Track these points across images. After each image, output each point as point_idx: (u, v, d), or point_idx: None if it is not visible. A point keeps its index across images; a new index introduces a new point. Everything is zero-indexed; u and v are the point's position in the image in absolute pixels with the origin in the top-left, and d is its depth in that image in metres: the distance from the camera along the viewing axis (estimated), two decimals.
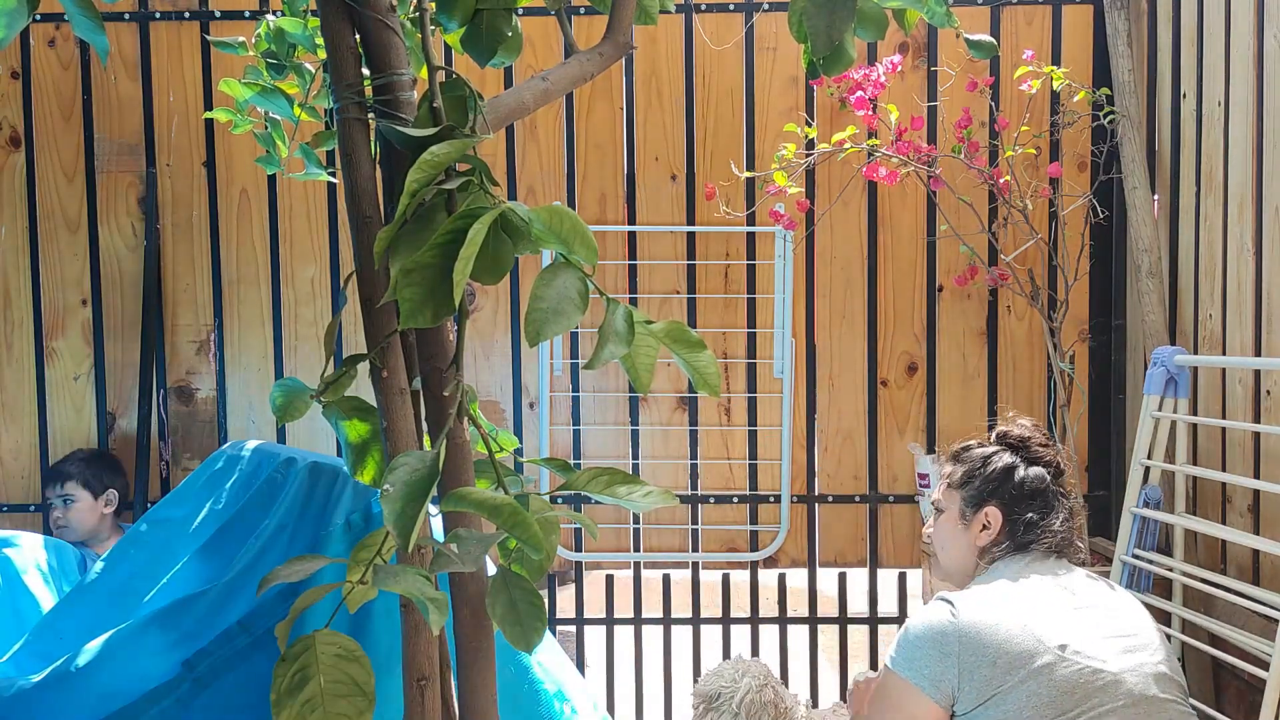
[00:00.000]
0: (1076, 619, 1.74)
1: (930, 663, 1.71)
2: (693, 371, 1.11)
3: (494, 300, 3.18)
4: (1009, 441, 1.96)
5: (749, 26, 3.11)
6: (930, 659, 1.71)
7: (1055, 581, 1.81)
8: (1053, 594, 1.78)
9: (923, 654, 1.72)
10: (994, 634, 1.69)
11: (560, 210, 1.02)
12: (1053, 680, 1.65)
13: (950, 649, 1.70)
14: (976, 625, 1.70)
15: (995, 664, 1.67)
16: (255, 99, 1.62)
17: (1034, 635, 1.68)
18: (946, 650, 1.70)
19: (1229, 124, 2.57)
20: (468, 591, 1.11)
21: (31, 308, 3.14)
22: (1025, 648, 1.67)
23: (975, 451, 1.96)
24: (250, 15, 3.12)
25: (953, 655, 1.69)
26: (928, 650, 1.72)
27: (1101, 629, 1.73)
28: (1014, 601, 1.75)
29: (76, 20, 1.04)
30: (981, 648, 1.68)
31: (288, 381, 1.16)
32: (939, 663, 1.70)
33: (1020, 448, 1.94)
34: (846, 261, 3.15)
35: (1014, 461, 1.91)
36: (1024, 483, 1.89)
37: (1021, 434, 1.96)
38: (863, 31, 1.33)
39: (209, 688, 1.60)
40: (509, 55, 1.30)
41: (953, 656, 1.69)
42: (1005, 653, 1.67)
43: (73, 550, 2.27)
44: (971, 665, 1.68)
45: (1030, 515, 1.86)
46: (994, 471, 1.91)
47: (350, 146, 1.13)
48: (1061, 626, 1.71)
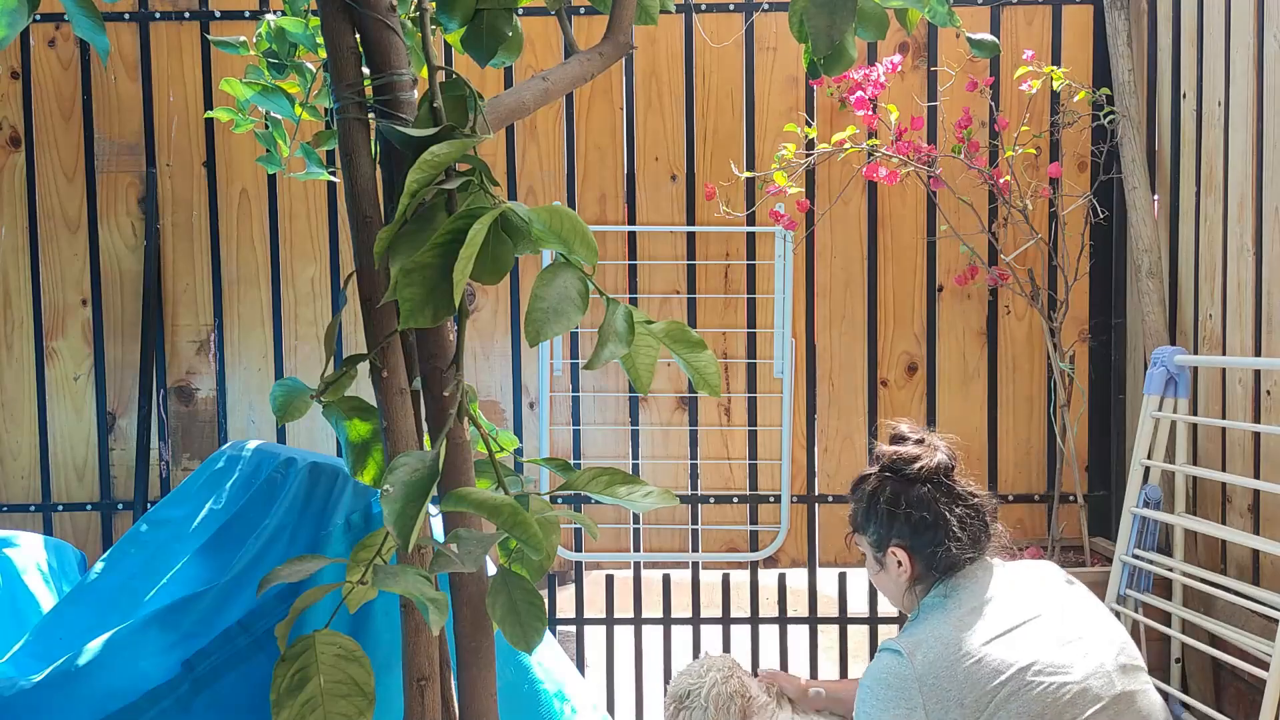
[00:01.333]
0: (1030, 634, 1.68)
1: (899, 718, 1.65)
2: (693, 371, 1.11)
3: (494, 300, 3.18)
4: (885, 464, 1.84)
5: (749, 26, 3.11)
6: (898, 714, 1.65)
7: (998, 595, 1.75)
8: (999, 612, 1.72)
9: (889, 711, 1.66)
10: (953, 674, 1.63)
11: (560, 210, 1.02)
12: (1023, 705, 1.61)
13: (914, 701, 1.64)
14: (934, 668, 1.64)
15: (963, 704, 1.62)
16: (256, 98, 1.62)
17: (992, 666, 1.63)
18: (911, 703, 1.64)
19: (1229, 124, 2.57)
20: (468, 591, 1.11)
21: (31, 308, 3.14)
22: (988, 680, 1.62)
23: (863, 487, 1.85)
24: (250, 15, 3.12)
25: (918, 707, 1.63)
26: (893, 707, 1.65)
27: (1055, 635, 1.69)
28: (963, 632, 1.68)
29: (77, 20, 1.04)
30: (944, 691, 1.63)
31: (288, 381, 1.16)
32: (907, 715, 1.64)
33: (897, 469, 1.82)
34: (846, 261, 3.15)
35: (896, 491, 1.80)
36: (910, 516, 1.78)
37: (894, 452, 1.84)
38: (863, 31, 1.33)
39: (209, 688, 1.60)
40: (509, 55, 1.30)
41: (919, 708, 1.63)
42: (970, 690, 1.62)
43: (73, 550, 2.27)
44: (939, 712, 1.63)
45: (932, 545, 1.77)
46: (881, 512, 1.80)
47: (350, 146, 1.13)
48: (1017, 647, 1.66)
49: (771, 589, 3.25)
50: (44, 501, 3.15)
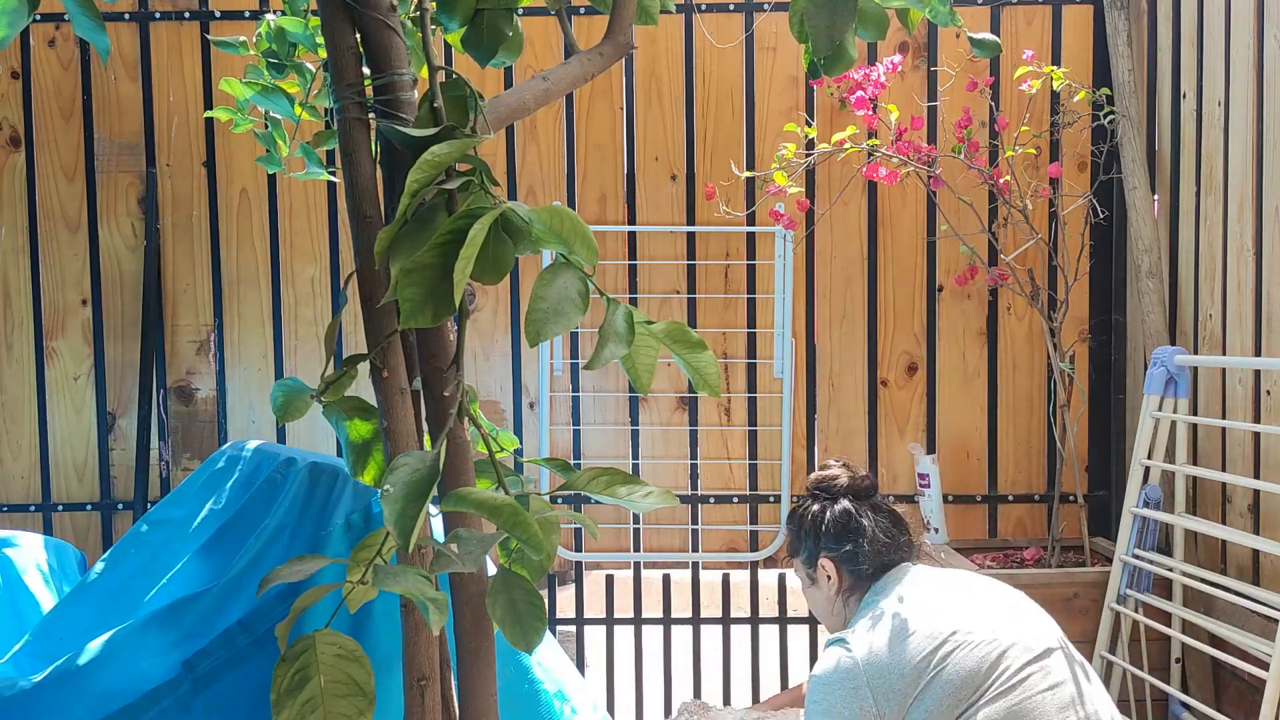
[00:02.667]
0: (956, 605, 1.80)
1: (846, 703, 1.73)
2: (693, 372, 1.11)
3: (494, 300, 3.18)
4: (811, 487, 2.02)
5: (749, 26, 3.11)
6: (845, 700, 1.73)
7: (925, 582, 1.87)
8: (927, 593, 1.84)
9: (836, 699, 1.74)
10: (891, 650, 1.73)
11: (560, 210, 1.02)
12: (958, 666, 1.70)
13: (859, 682, 1.72)
14: (874, 650, 1.74)
15: (903, 674, 1.71)
16: (256, 98, 1.62)
17: (925, 633, 1.74)
18: (857, 685, 1.73)
19: (1229, 124, 2.57)
20: (468, 591, 1.11)
21: (31, 308, 3.14)
22: (923, 648, 1.72)
23: (796, 512, 2.02)
24: (250, 15, 3.12)
25: (864, 687, 1.72)
26: (839, 693, 1.74)
27: (982, 605, 1.80)
28: (896, 615, 1.80)
29: (77, 20, 1.04)
30: (886, 667, 1.72)
31: (288, 381, 1.16)
32: (853, 699, 1.72)
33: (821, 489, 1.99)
34: (846, 261, 3.15)
35: (821, 508, 1.96)
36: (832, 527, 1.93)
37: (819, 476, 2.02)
38: (864, 31, 1.33)
39: (209, 688, 1.60)
40: (509, 55, 1.30)
41: (864, 688, 1.72)
42: (908, 661, 1.72)
43: (73, 550, 2.27)
44: (883, 687, 1.72)
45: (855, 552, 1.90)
46: (808, 529, 1.96)
47: (351, 146, 1.13)
48: (946, 616, 1.76)
49: (771, 589, 3.25)
50: (44, 501, 3.15)
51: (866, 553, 1.90)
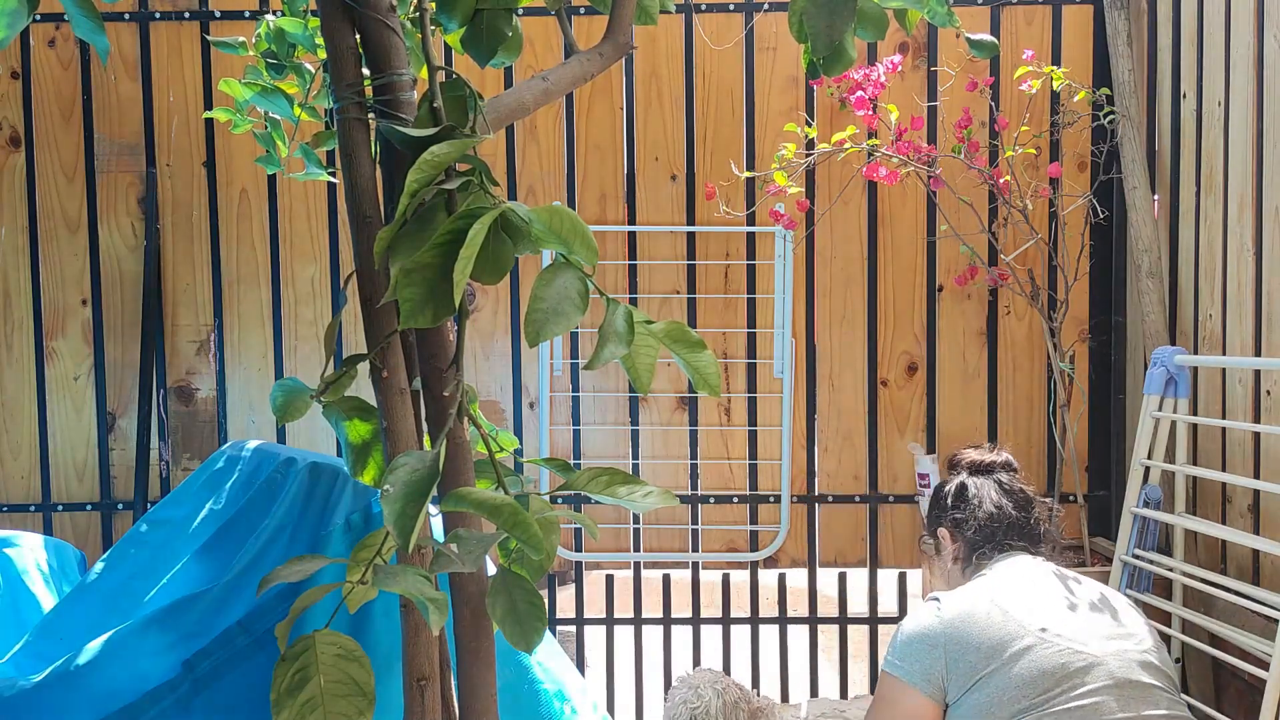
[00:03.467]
0: (1060, 605, 1.81)
1: (920, 657, 1.79)
2: (693, 371, 1.11)
3: (494, 300, 3.18)
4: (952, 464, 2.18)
5: (749, 26, 3.11)
6: (919, 654, 1.79)
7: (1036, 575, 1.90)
8: (1037, 583, 1.87)
9: (913, 650, 1.81)
10: (975, 622, 1.77)
11: (560, 210, 1.02)
12: (1033, 661, 1.71)
13: (937, 641, 1.78)
14: (960, 616, 1.79)
15: (979, 649, 1.75)
16: (255, 99, 1.62)
17: (1015, 620, 1.76)
18: (934, 643, 1.78)
19: (1229, 124, 2.57)
20: (468, 591, 1.11)
21: (31, 308, 3.14)
22: (1007, 632, 1.75)
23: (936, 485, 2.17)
24: (250, 15, 3.12)
25: (939, 647, 1.78)
26: (917, 646, 1.81)
27: (1086, 617, 1.80)
28: (997, 591, 1.84)
29: (76, 20, 1.04)
30: (965, 636, 1.76)
31: (288, 381, 1.16)
32: (927, 655, 1.78)
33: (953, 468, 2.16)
34: (846, 261, 3.15)
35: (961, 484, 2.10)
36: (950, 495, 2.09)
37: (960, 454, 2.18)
38: (863, 32, 1.33)
39: (209, 688, 1.60)
40: (509, 55, 1.30)
41: (939, 648, 1.77)
42: (988, 638, 1.75)
43: (73, 550, 2.27)
44: (957, 654, 1.76)
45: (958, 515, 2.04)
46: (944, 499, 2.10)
47: (350, 146, 1.13)
48: (1043, 611, 1.78)
49: (771, 589, 3.25)
50: (44, 501, 3.15)
51: (976, 523, 1.99)
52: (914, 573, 3.23)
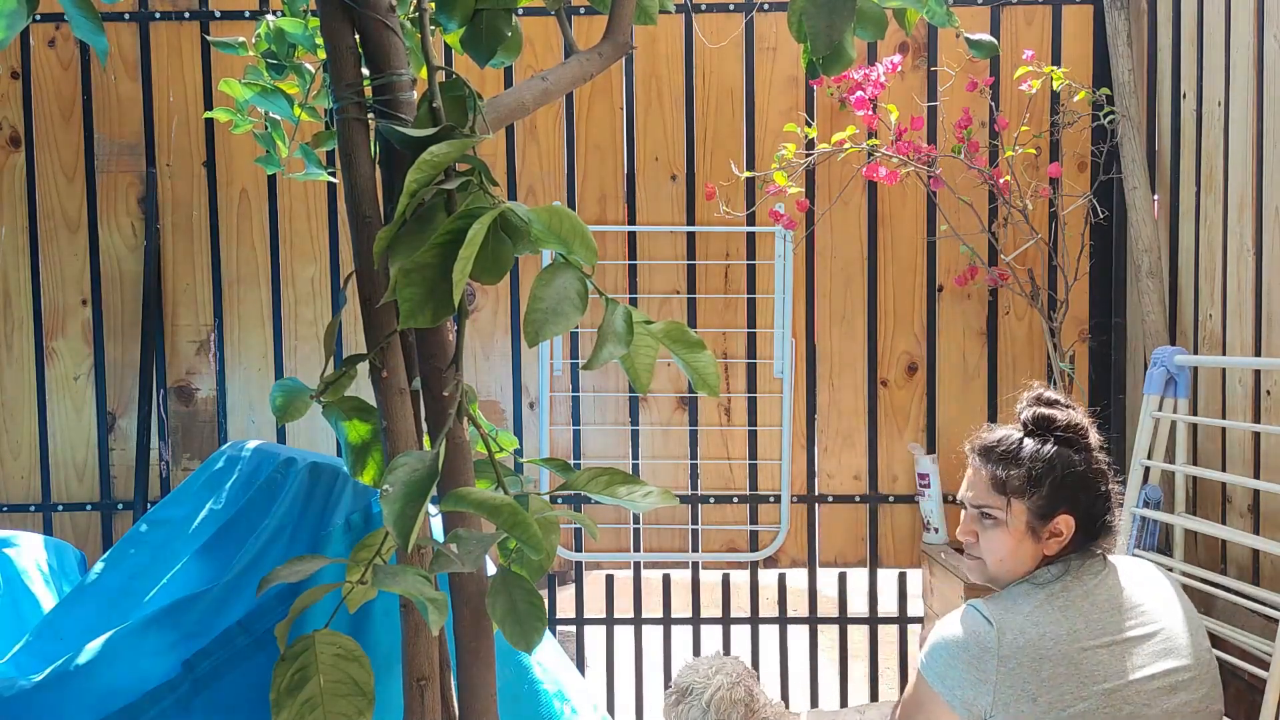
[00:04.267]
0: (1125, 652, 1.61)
1: (964, 685, 1.60)
2: (692, 372, 1.11)
3: (494, 300, 3.18)
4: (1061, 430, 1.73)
5: (748, 26, 3.11)
6: (965, 680, 1.61)
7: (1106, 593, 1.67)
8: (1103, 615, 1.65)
9: (957, 673, 1.62)
10: (1036, 672, 1.57)
11: (560, 210, 1.02)
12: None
13: (988, 675, 1.59)
14: (1019, 659, 1.58)
15: (1036, 701, 1.57)
16: (255, 99, 1.62)
17: (1079, 677, 1.57)
18: (984, 676, 1.59)
19: (1229, 124, 2.57)
20: (468, 591, 1.11)
21: (31, 308, 3.14)
22: (1067, 690, 1.56)
23: (1027, 449, 1.72)
24: (250, 15, 3.12)
25: (989, 683, 1.58)
26: (963, 671, 1.61)
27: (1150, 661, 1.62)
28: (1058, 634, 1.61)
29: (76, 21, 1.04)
30: (1022, 683, 1.57)
31: (288, 381, 1.16)
32: (974, 686, 1.59)
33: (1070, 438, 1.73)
34: (846, 261, 3.15)
35: (1075, 457, 1.70)
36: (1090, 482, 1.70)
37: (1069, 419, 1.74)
38: (862, 31, 1.33)
39: (209, 688, 1.60)
40: (509, 55, 1.30)
41: (989, 684, 1.58)
42: (1047, 692, 1.56)
43: (73, 550, 2.27)
44: (1009, 698, 1.57)
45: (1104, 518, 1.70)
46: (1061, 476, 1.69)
47: (350, 146, 1.13)
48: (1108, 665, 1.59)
49: (771, 589, 3.25)
50: (44, 501, 3.15)
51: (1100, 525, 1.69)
52: (914, 573, 3.23)
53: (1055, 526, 1.69)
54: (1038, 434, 1.73)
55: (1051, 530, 1.69)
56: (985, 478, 1.74)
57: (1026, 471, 1.70)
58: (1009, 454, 1.73)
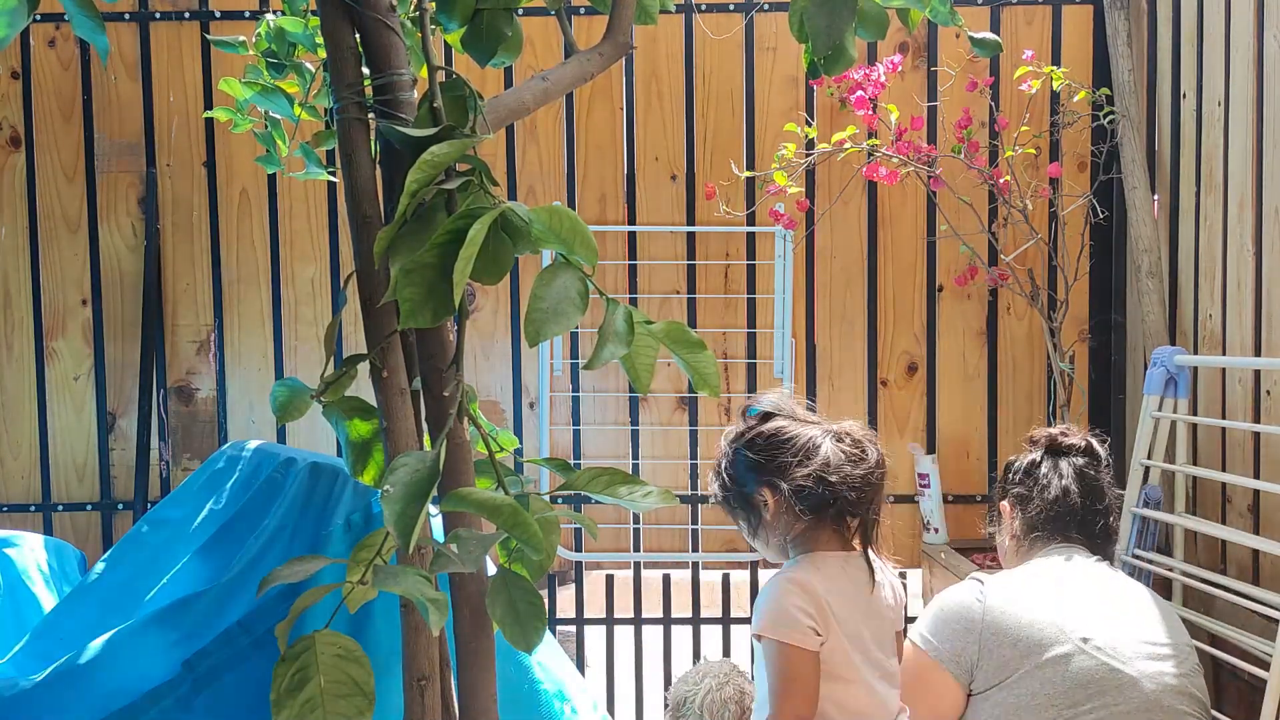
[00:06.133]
0: (1105, 615, 1.74)
1: (954, 638, 1.73)
2: (693, 372, 1.11)
3: (494, 300, 3.18)
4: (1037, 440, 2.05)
5: (749, 26, 3.11)
6: (954, 634, 1.74)
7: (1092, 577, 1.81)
8: (1085, 587, 1.79)
9: (948, 629, 1.75)
10: (1018, 616, 1.71)
11: (560, 210, 1.02)
12: (1068, 670, 1.65)
13: (974, 625, 1.72)
14: (1002, 605, 1.73)
15: (1015, 645, 1.69)
16: (255, 98, 1.62)
17: (1057, 624, 1.70)
18: (970, 626, 1.73)
19: (1229, 124, 2.57)
20: (468, 591, 1.11)
21: (31, 308, 3.14)
22: (1047, 634, 1.68)
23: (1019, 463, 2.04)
24: (250, 15, 3.12)
25: (975, 632, 1.72)
26: (953, 625, 1.75)
27: (1130, 631, 1.72)
28: (1044, 587, 1.77)
29: (77, 20, 1.04)
30: (1004, 628, 1.70)
31: (288, 381, 1.16)
32: (962, 638, 1.73)
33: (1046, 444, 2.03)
34: (846, 261, 3.15)
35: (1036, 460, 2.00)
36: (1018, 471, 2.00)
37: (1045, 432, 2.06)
38: (863, 31, 1.33)
39: (209, 687, 1.60)
40: (509, 55, 1.30)
41: (975, 633, 1.72)
42: (1027, 636, 1.69)
43: (73, 550, 2.27)
44: (993, 644, 1.70)
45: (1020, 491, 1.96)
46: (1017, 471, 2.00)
47: (350, 146, 1.13)
48: (1088, 620, 1.71)
49: None
50: (44, 501, 3.15)
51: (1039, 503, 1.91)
52: (914, 572, 3.23)
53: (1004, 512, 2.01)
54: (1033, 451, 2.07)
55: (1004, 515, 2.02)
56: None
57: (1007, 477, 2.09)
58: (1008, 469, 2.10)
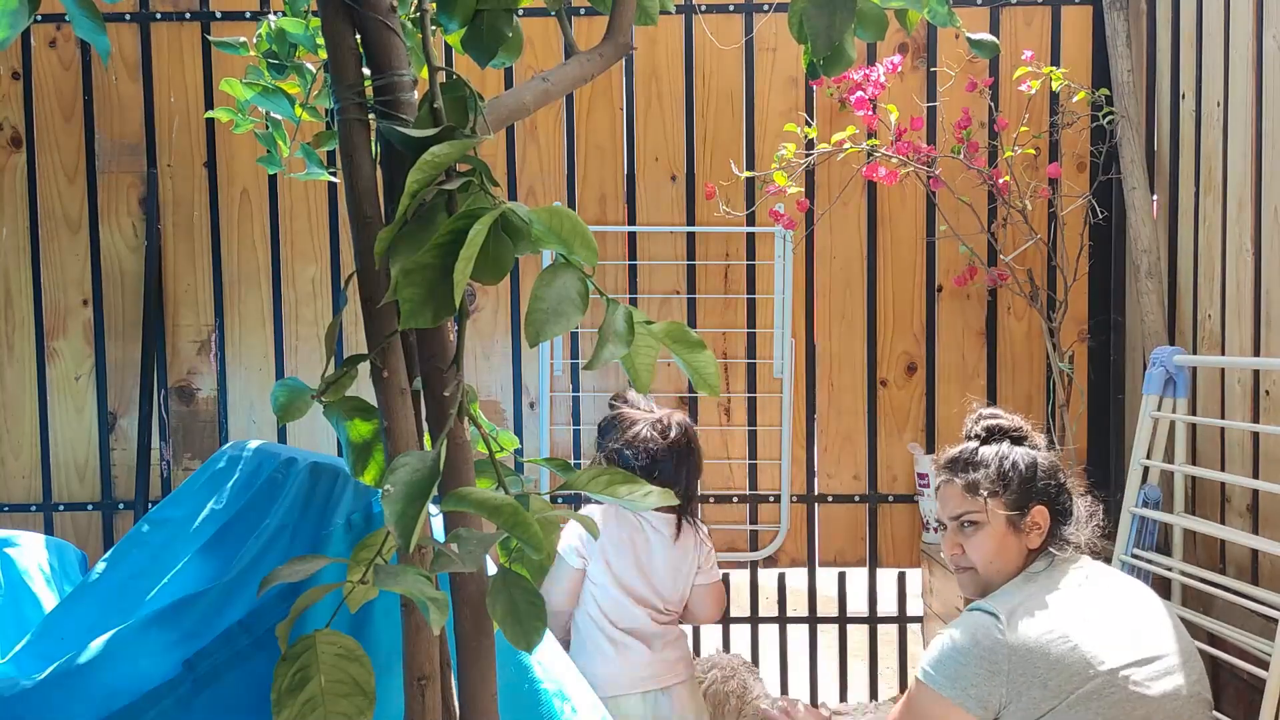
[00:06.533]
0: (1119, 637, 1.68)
1: (978, 681, 1.64)
2: (692, 372, 1.12)
3: (494, 300, 3.18)
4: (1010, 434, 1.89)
5: (749, 27, 3.11)
6: (978, 677, 1.64)
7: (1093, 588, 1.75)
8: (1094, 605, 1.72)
9: (970, 671, 1.64)
10: (1045, 654, 1.62)
11: (560, 210, 1.02)
12: (1099, 707, 1.61)
13: (1000, 667, 1.63)
14: (1028, 644, 1.63)
15: (1046, 685, 1.62)
16: (256, 99, 1.63)
17: (1083, 657, 1.63)
18: (996, 669, 1.63)
19: (1228, 124, 2.57)
20: (468, 591, 1.11)
21: (32, 308, 3.15)
22: (1075, 671, 1.62)
23: (987, 453, 1.86)
24: (251, 15, 3.13)
25: (1002, 674, 1.62)
26: (975, 668, 1.64)
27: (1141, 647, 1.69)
28: (1060, 616, 1.68)
29: (78, 21, 1.04)
30: (1033, 668, 1.62)
31: (289, 381, 1.16)
32: (987, 681, 1.63)
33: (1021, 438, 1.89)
34: (846, 261, 3.16)
35: (1031, 452, 1.86)
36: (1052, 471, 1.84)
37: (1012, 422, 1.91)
38: (863, 32, 1.33)
39: (210, 687, 1.60)
40: (509, 56, 1.30)
41: (1002, 675, 1.62)
42: (1056, 674, 1.62)
43: (74, 550, 2.27)
44: (1022, 686, 1.62)
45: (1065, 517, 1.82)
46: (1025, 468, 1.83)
47: (351, 147, 1.14)
48: (1107, 647, 1.65)
49: (771, 589, 3.25)
50: (45, 501, 3.15)
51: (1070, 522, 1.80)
52: (913, 572, 3.23)
53: (1032, 519, 1.81)
54: (992, 440, 1.89)
55: (1030, 523, 1.81)
56: (958, 487, 1.87)
57: (994, 470, 1.84)
58: (972, 460, 1.88)
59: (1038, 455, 1.86)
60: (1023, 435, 1.90)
